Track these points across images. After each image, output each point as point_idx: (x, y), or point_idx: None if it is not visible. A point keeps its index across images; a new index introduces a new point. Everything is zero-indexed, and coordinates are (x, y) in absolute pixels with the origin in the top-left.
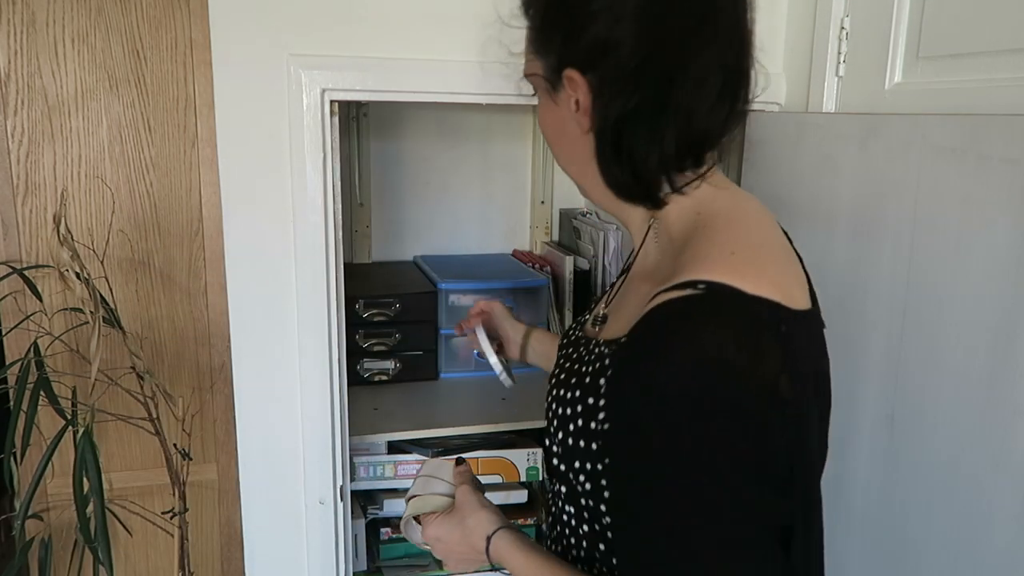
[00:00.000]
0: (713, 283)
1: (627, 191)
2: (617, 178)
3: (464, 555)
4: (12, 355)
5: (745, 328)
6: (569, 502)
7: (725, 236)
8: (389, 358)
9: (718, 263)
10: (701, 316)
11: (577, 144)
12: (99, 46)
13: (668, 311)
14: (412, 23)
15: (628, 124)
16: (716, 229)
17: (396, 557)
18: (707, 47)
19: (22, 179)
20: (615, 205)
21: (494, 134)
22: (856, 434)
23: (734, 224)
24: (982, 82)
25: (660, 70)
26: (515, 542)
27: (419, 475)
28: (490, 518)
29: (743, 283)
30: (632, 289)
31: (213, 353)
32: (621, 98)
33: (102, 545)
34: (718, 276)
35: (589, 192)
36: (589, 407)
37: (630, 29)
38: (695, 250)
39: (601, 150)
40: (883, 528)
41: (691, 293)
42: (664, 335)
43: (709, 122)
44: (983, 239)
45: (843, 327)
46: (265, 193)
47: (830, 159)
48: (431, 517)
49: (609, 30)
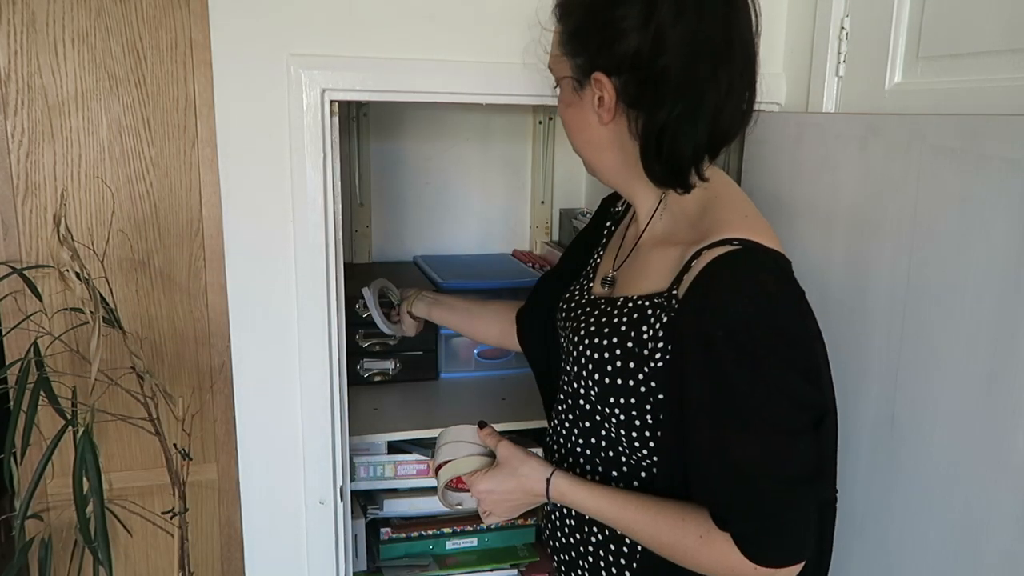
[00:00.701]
0: (743, 240)
1: (664, 181)
2: (657, 171)
3: (518, 501)
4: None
5: (778, 272)
6: (588, 437)
7: (735, 205)
8: (389, 358)
9: (740, 225)
10: (745, 265)
11: (594, 132)
12: (99, 46)
13: (721, 263)
14: (412, 23)
15: (669, 128)
16: (725, 200)
17: (396, 557)
18: (730, 63)
19: (22, 179)
20: (625, 183)
21: (494, 134)
22: (856, 434)
23: (735, 197)
24: (982, 82)
25: (696, 85)
26: (573, 479)
27: (442, 444)
28: (542, 463)
29: (759, 238)
30: (645, 255)
31: (213, 353)
32: (665, 108)
33: (102, 545)
34: (744, 234)
35: (600, 171)
36: (628, 350)
37: (671, 56)
38: (716, 216)
39: (646, 150)
40: (883, 528)
41: (732, 249)
42: (722, 283)
43: (731, 123)
44: (983, 239)
45: (843, 327)
46: (265, 193)
47: (830, 159)
48: (476, 475)
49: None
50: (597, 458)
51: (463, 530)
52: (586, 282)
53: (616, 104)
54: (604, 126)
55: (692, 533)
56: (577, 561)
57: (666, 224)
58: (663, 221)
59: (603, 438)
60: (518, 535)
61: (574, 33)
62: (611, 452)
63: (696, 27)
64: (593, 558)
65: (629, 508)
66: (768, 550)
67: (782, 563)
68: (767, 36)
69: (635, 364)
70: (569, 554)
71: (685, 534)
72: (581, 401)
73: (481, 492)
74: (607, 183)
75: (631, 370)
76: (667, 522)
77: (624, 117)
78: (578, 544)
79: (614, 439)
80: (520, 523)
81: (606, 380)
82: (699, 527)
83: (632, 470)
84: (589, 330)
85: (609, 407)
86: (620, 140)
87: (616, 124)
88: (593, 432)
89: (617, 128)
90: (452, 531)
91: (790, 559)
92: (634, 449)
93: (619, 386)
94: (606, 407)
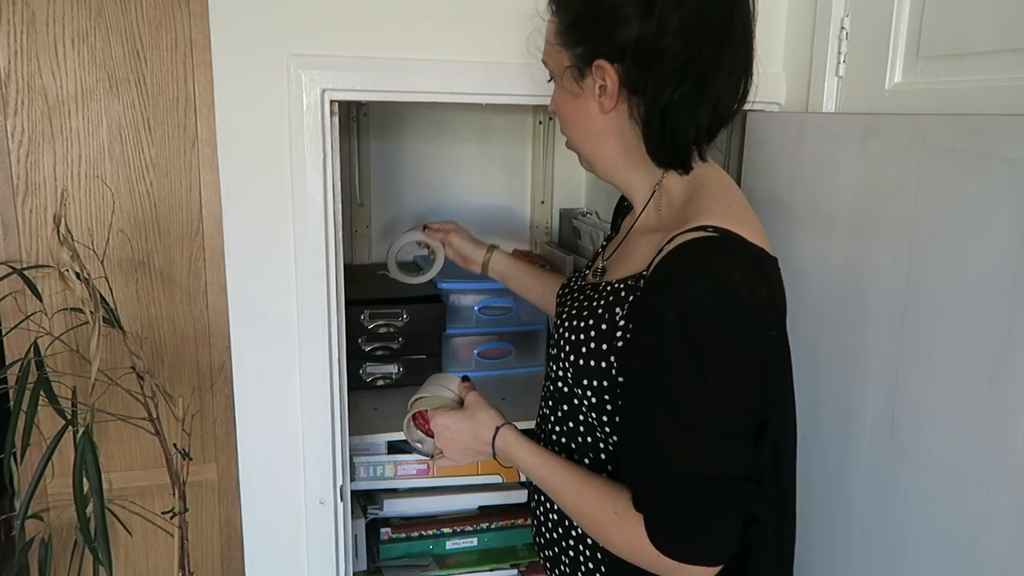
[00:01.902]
0: (720, 228)
1: (667, 161)
2: (660, 151)
3: (468, 445)
4: (12, 355)
5: (746, 264)
6: (565, 422)
7: (721, 195)
8: (392, 362)
9: (721, 214)
10: (714, 252)
11: (594, 122)
12: (99, 46)
13: (688, 248)
14: (412, 23)
15: (672, 110)
16: (711, 190)
17: (396, 557)
18: (731, 45)
19: (22, 179)
20: (622, 175)
21: (494, 134)
22: (856, 434)
23: (723, 187)
24: (982, 82)
25: (699, 68)
26: (520, 436)
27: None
28: (498, 415)
29: (740, 230)
30: (634, 243)
31: (213, 353)
32: (667, 91)
33: (102, 545)
34: (722, 223)
35: (598, 163)
36: (602, 331)
37: (675, 39)
38: (699, 205)
39: (648, 131)
40: (883, 528)
41: (705, 235)
42: (686, 266)
43: (730, 106)
44: (983, 239)
45: (843, 327)
46: (265, 193)
47: (830, 159)
48: (440, 411)
49: (655, 39)
50: (574, 443)
51: (463, 530)
52: (583, 272)
53: (619, 91)
54: (605, 115)
55: (609, 508)
56: (560, 556)
57: (656, 216)
58: (654, 211)
59: (580, 423)
60: (518, 535)
61: (572, 23)
62: (589, 438)
63: (698, 10)
64: (574, 552)
65: (559, 473)
66: (676, 542)
67: (687, 559)
68: (767, 36)
69: (607, 346)
70: (552, 549)
71: (603, 508)
72: (560, 384)
73: (438, 426)
74: (604, 176)
75: (603, 352)
76: (590, 494)
77: (625, 104)
78: (560, 539)
79: (590, 424)
80: (520, 523)
81: (580, 362)
82: (617, 504)
83: (610, 456)
84: (571, 314)
85: (582, 389)
86: (620, 128)
87: (617, 112)
88: (571, 416)
89: (618, 116)
90: (452, 531)
91: (696, 558)
92: (607, 435)
93: (592, 368)
94: (580, 389)
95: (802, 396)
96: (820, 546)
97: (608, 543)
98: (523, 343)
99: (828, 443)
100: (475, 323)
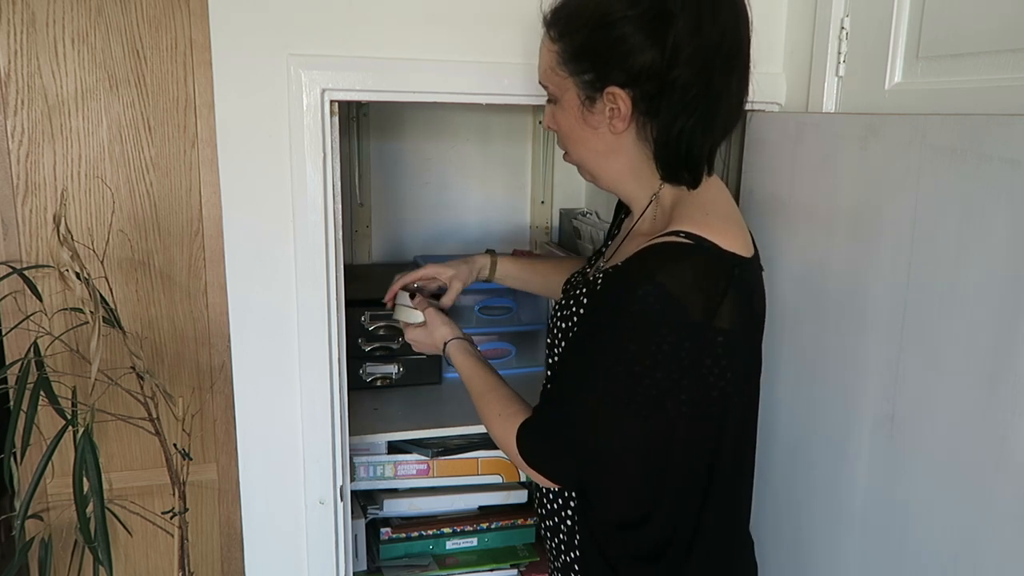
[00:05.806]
0: (692, 234)
1: (680, 178)
2: (675, 171)
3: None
4: (12, 355)
5: (706, 271)
6: None
7: (703, 204)
8: (392, 362)
9: (699, 221)
10: (675, 258)
11: (603, 141)
12: (99, 46)
13: (654, 250)
14: (412, 23)
15: (686, 133)
16: (696, 197)
17: (396, 557)
18: (737, 72)
19: (22, 179)
20: (625, 187)
21: (494, 134)
22: (856, 434)
23: (710, 197)
24: (982, 82)
25: (712, 92)
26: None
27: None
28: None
29: (713, 236)
30: (627, 245)
31: (213, 353)
32: (683, 116)
33: (102, 545)
34: (696, 229)
35: (604, 177)
36: (582, 316)
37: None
38: (680, 211)
39: (663, 152)
40: (883, 528)
41: (675, 240)
42: (643, 266)
43: (736, 121)
44: (983, 239)
45: (843, 327)
46: (265, 193)
47: (830, 159)
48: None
49: (668, 68)
50: None
51: (463, 530)
52: (586, 268)
53: (632, 114)
54: (615, 135)
55: (498, 410)
56: (559, 525)
57: (651, 222)
58: (650, 218)
59: None
60: (518, 535)
61: (580, 51)
62: None
63: (710, 40)
64: (571, 521)
65: (478, 375)
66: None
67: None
68: (767, 36)
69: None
70: (552, 519)
71: (492, 407)
72: (550, 372)
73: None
74: (607, 187)
75: None
76: (492, 397)
77: (635, 123)
78: (559, 510)
79: None
80: (520, 523)
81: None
82: (507, 408)
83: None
84: (562, 304)
85: None
86: (628, 146)
87: (626, 132)
88: None
89: (627, 135)
90: (452, 531)
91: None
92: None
93: None
94: None
95: (802, 396)
96: (820, 546)
97: (492, 436)
98: (523, 343)
99: (828, 443)
100: (475, 323)
